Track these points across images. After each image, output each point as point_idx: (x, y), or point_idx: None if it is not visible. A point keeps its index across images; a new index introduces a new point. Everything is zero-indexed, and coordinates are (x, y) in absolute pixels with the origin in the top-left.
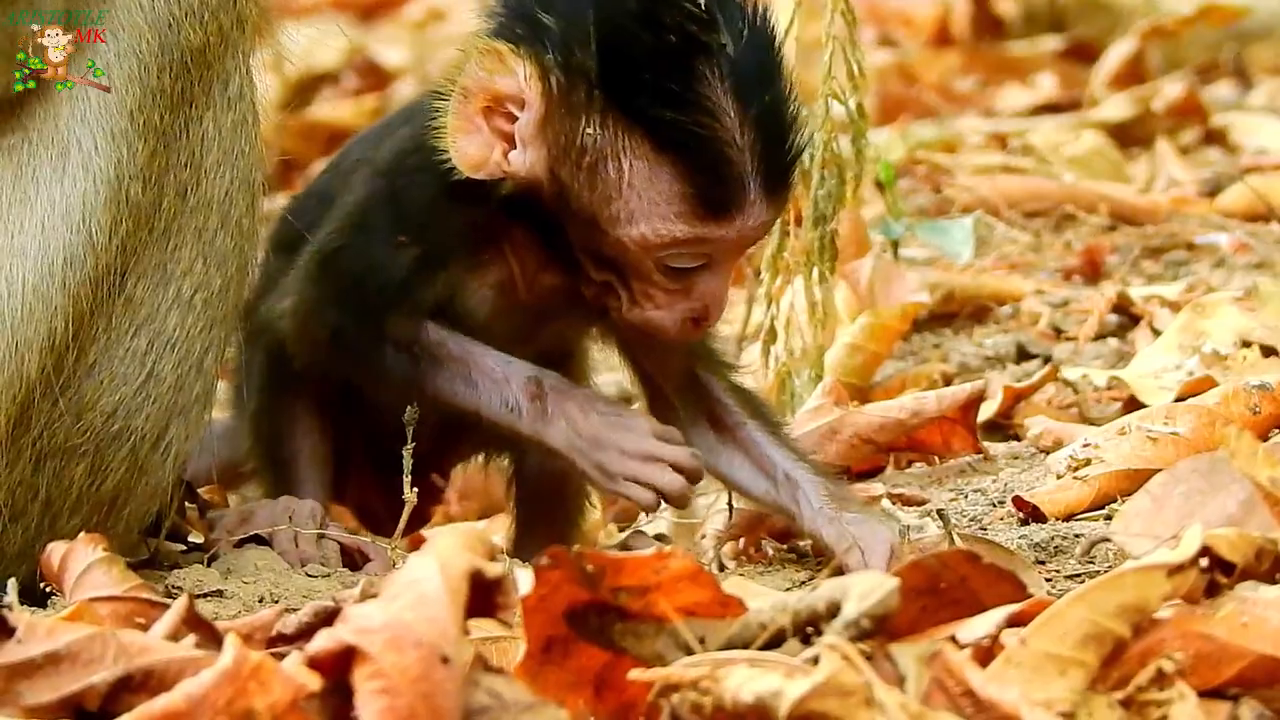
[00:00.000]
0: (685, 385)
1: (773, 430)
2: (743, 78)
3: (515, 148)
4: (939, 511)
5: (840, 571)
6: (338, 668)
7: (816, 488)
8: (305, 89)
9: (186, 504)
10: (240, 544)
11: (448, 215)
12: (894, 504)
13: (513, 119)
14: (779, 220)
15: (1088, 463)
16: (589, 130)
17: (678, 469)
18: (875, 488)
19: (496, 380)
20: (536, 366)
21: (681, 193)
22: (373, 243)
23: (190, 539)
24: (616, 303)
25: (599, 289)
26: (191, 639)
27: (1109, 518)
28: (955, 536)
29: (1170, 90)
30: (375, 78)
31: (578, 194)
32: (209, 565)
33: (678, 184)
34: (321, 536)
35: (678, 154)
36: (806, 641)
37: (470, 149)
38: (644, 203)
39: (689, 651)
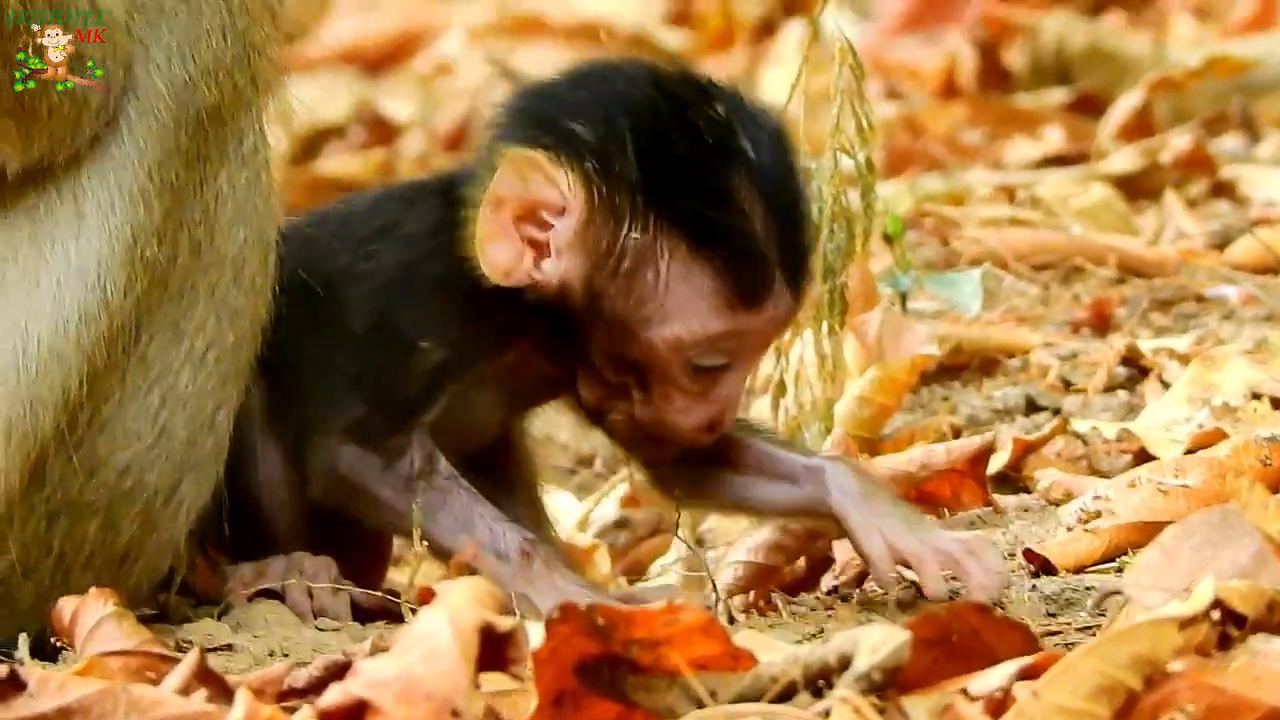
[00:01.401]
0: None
1: (779, 441)
2: (766, 177)
3: (546, 255)
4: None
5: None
6: None
7: (845, 470)
8: (312, 142)
9: (197, 559)
10: (251, 598)
11: (468, 322)
12: None
13: (545, 226)
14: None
15: (1098, 515)
16: (632, 234)
17: None
18: None
19: (495, 532)
20: (529, 532)
21: (716, 288)
22: (393, 353)
23: (200, 593)
24: (626, 405)
25: (605, 392)
26: (203, 693)
27: (1120, 570)
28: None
29: (1178, 142)
30: (382, 131)
31: (612, 298)
32: (219, 619)
33: (712, 280)
34: (336, 591)
35: (715, 251)
36: (818, 695)
37: (501, 257)
38: (680, 301)
39: (701, 705)
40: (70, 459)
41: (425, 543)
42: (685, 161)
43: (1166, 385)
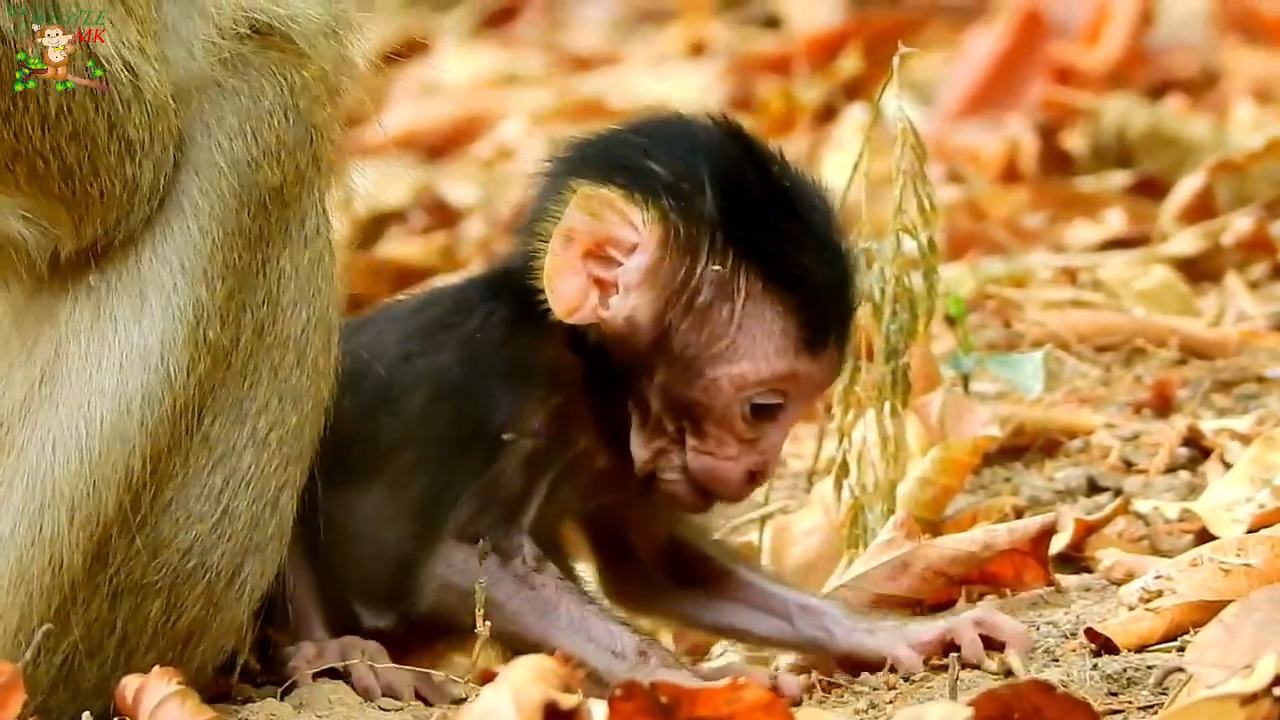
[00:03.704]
0: (667, 554)
1: (767, 574)
2: (829, 226)
3: (613, 293)
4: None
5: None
6: None
7: (840, 609)
8: (374, 227)
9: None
10: (314, 678)
11: (541, 406)
12: None
13: (613, 264)
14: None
15: (1160, 594)
16: (710, 268)
17: None
18: None
19: (611, 633)
20: (644, 637)
21: (785, 328)
22: (486, 451)
23: (263, 673)
24: (679, 456)
25: (658, 446)
26: None
27: (1182, 649)
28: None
29: (1239, 224)
30: (443, 216)
31: (683, 336)
32: (282, 699)
33: (783, 319)
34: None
35: (788, 291)
36: None
37: (568, 293)
38: (749, 339)
39: None
40: (133, 539)
41: (538, 645)
42: (763, 203)
43: (1228, 465)
